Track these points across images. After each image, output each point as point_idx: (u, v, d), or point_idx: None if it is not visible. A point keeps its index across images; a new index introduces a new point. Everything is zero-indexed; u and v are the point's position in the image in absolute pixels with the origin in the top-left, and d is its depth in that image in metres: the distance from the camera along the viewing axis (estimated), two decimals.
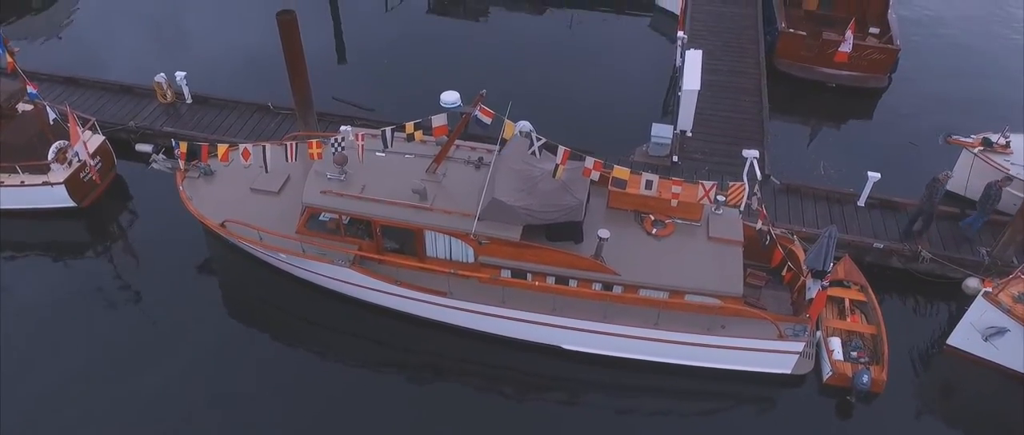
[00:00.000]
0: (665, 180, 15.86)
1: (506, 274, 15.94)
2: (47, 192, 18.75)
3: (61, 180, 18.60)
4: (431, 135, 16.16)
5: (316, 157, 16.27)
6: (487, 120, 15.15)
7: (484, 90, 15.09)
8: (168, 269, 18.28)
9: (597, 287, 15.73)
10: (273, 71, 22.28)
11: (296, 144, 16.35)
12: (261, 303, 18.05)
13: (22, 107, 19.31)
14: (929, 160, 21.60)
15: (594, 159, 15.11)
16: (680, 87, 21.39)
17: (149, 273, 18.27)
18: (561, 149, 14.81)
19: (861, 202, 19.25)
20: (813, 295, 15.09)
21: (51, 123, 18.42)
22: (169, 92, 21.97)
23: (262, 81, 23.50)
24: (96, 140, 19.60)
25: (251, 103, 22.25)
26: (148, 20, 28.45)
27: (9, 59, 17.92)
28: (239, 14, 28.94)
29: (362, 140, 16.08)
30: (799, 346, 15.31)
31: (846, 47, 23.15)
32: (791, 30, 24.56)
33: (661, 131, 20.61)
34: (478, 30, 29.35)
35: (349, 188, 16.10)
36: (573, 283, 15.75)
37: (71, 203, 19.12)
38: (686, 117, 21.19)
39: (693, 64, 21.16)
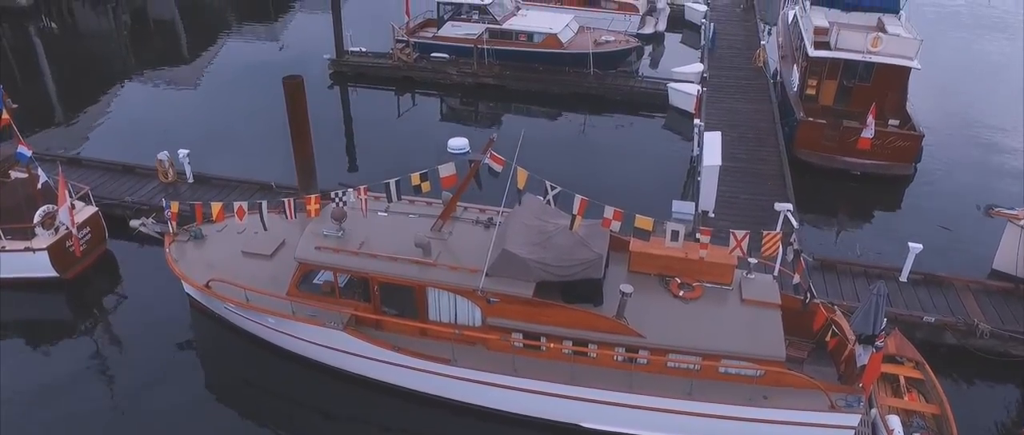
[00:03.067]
0: (692, 242, 14.67)
1: (517, 338, 14.31)
2: (29, 259, 17.59)
3: (44, 246, 17.50)
4: (438, 198, 15.23)
5: (314, 214, 15.27)
6: (498, 168, 14.22)
7: (495, 134, 14.25)
8: (150, 348, 16.80)
9: (620, 353, 14.01)
10: (278, 151, 21.72)
11: (293, 200, 15.40)
12: (245, 384, 16.35)
13: (16, 174, 18.62)
14: (966, 241, 20.53)
15: (614, 208, 13.94)
16: (700, 170, 20.54)
17: (130, 353, 16.79)
18: (578, 198, 13.74)
19: (903, 277, 17.72)
20: (864, 362, 13.31)
21: (40, 187, 17.60)
22: (171, 171, 21.35)
23: (269, 168, 22.92)
24: (88, 210, 18.71)
25: (253, 182, 21.50)
26: (171, 124, 28.10)
27: (6, 115, 17.36)
28: (256, 102, 29.00)
29: (364, 194, 15.10)
30: (854, 419, 13.30)
31: (868, 133, 22.49)
32: (810, 119, 24.05)
33: (682, 207, 19.59)
34: (491, 134, 29.16)
35: (347, 244, 14.89)
36: (593, 348, 14.07)
37: (54, 273, 17.91)
38: (708, 196, 20.11)
39: (712, 143, 20.39)
